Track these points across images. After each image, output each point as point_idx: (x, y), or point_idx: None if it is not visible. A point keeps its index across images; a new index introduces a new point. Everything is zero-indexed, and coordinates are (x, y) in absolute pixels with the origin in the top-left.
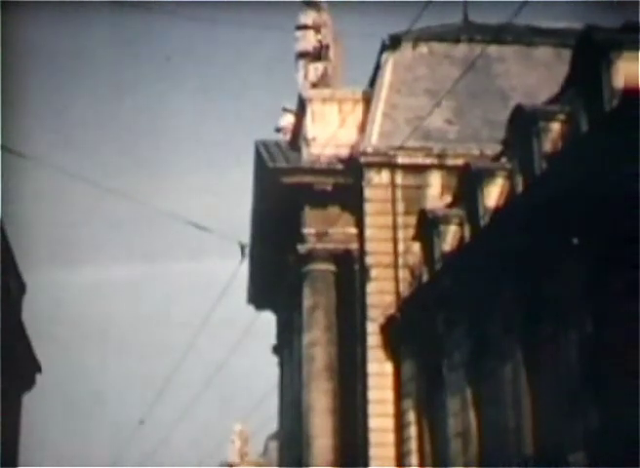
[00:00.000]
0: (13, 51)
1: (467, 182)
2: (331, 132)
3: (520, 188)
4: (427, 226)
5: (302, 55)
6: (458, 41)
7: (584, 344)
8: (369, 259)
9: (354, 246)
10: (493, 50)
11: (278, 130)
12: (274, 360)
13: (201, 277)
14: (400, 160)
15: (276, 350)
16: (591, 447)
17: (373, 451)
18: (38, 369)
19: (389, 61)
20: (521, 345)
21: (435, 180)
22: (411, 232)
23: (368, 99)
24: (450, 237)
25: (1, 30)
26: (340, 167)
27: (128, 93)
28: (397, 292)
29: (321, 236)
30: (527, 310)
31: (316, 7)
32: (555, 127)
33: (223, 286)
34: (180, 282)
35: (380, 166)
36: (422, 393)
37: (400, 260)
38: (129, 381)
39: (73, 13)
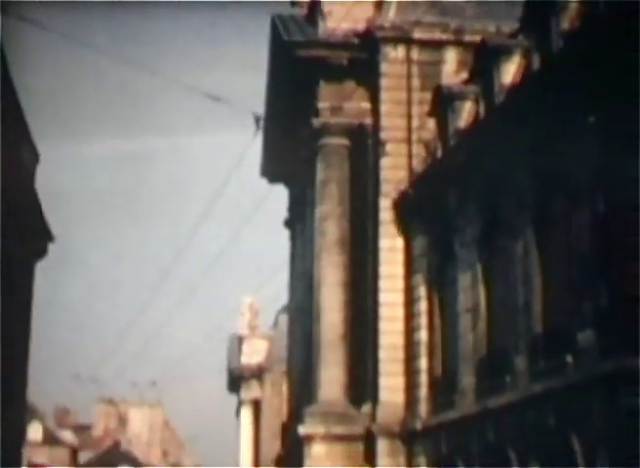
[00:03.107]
0: None
1: (484, 59)
2: (347, 6)
3: (536, 66)
4: (442, 102)
5: None
6: None
7: (596, 223)
8: (383, 134)
9: (368, 121)
10: None
11: (294, 3)
12: (286, 233)
13: (215, 149)
14: (416, 35)
15: (288, 224)
16: (600, 325)
17: (383, 325)
18: (50, 238)
19: None
20: (533, 222)
21: (451, 56)
22: (426, 108)
23: None
24: (465, 113)
25: None
26: (355, 41)
27: None
28: (410, 168)
29: (335, 110)
30: (540, 188)
31: None
32: (573, 5)
33: (237, 158)
34: (193, 154)
35: (396, 41)
36: (433, 269)
37: (414, 136)
38: (142, 251)
39: None
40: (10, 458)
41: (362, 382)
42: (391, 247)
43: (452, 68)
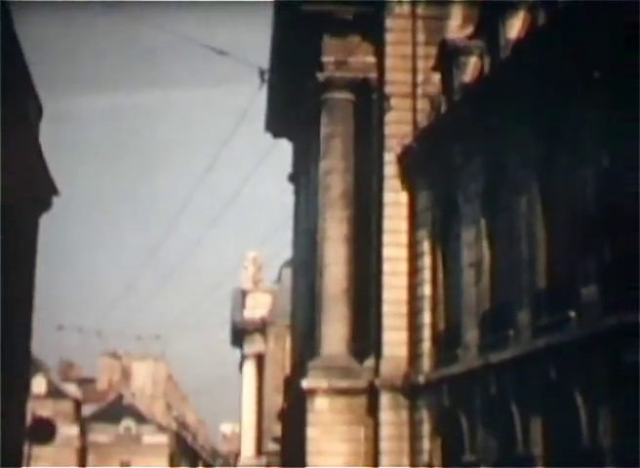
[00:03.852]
0: None
1: (489, 14)
2: None
3: (542, 21)
4: (447, 57)
5: None
6: None
7: (600, 178)
8: (388, 89)
9: (373, 75)
10: None
11: None
12: (290, 188)
13: (219, 103)
14: None
15: (292, 178)
16: (604, 281)
17: (386, 280)
18: (55, 191)
19: None
20: (537, 178)
21: (457, 11)
22: (431, 63)
23: None
24: (470, 68)
25: None
26: None
27: None
28: (415, 123)
29: (340, 65)
30: (544, 143)
31: None
32: None
33: (242, 112)
34: (198, 108)
35: None
36: (437, 224)
37: (419, 91)
38: (146, 205)
39: None
40: (14, 411)
41: (365, 337)
42: (395, 201)
43: (457, 23)
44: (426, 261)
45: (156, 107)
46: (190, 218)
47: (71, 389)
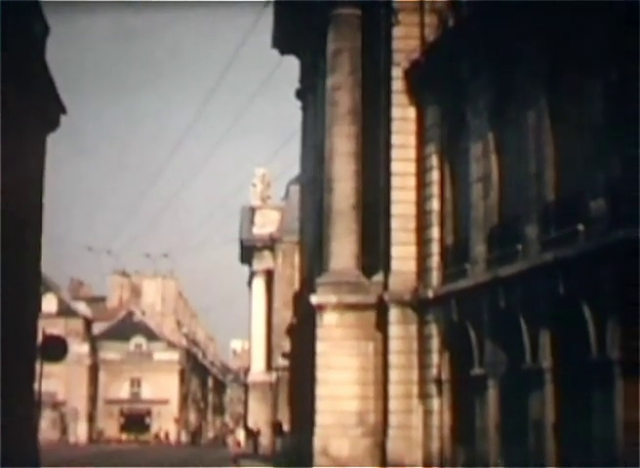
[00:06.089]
0: None
1: None
2: None
3: None
4: None
5: None
6: None
7: (609, 92)
8: (395, 4)
9: None
10: None
11: None
12: (297, 104)
13: (226, 20)
14: None
15: (299, 95)
16: (612, 194)
17: (394, 195)
18: (62, 110)
19: None
20: (546, 91)
21: None
22: None
23: None
24: None
25: None
26: None
27: None
28: (422, 38)
29: None
30: (553, 57)
31: None
32: None
33: (249, 29)
34: (205, 26)
35: None
36: (445, 138)
37: (426, 5)
38: (153, 123)
39: None
40: (25, 329)
41: (374, 252)
42: (403, 116)
43: None
44: (435, 176)
45: (163, 26)
46: (198, 136)
47: (82, 307)
